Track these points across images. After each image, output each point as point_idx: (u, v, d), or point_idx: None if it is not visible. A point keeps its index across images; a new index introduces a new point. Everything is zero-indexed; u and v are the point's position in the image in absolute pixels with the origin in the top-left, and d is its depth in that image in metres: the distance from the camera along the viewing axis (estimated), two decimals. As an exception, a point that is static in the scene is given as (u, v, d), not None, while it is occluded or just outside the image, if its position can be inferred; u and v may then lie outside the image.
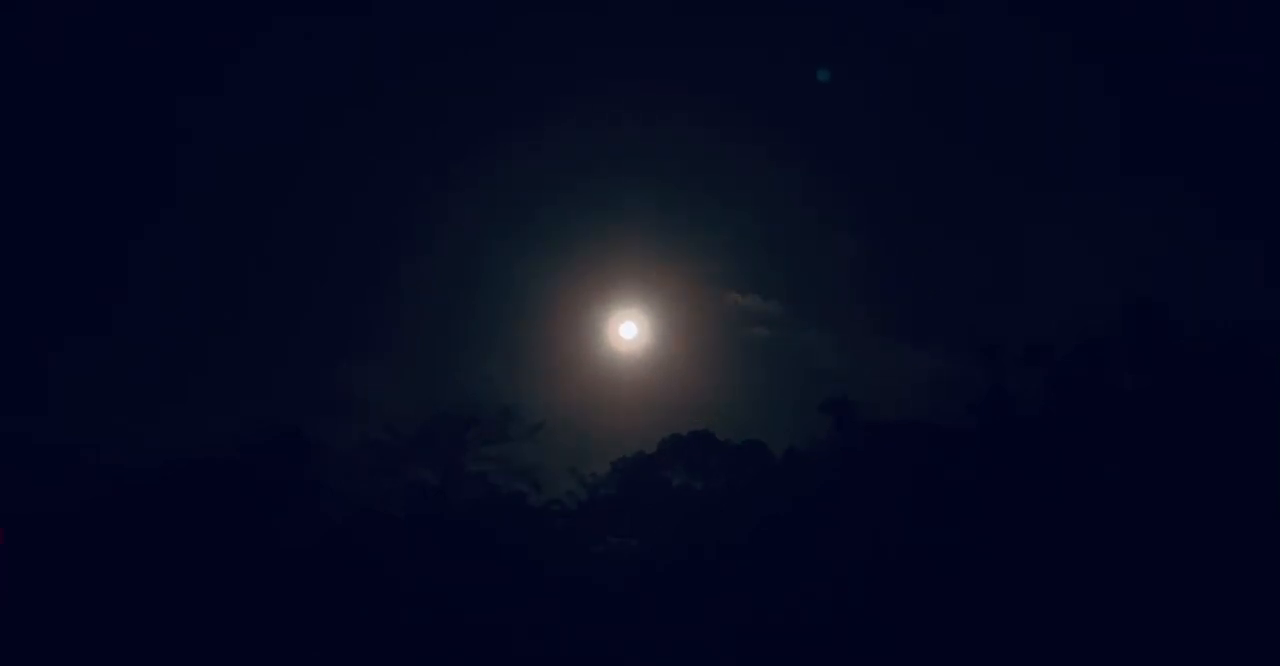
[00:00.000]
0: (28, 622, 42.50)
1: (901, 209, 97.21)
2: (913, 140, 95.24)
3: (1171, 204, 76.30)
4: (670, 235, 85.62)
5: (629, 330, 78.58)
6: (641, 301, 79.15)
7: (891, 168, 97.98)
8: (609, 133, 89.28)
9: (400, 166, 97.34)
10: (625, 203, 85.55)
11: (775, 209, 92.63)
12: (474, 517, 52.56)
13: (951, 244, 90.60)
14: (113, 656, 42.22)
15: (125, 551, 45.63)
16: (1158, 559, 40.00)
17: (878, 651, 41.54)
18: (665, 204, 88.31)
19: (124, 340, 74.38)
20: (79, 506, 48.40)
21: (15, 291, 71.59)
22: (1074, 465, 46.10)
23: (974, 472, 48.00)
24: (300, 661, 43.61)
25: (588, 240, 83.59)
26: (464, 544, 49.64)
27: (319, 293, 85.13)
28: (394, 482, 56.29)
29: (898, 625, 42.11)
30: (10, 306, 70.01)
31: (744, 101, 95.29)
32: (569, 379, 70.94)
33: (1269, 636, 36.34)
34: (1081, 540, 41.87)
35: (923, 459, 49.07)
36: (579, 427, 62.41)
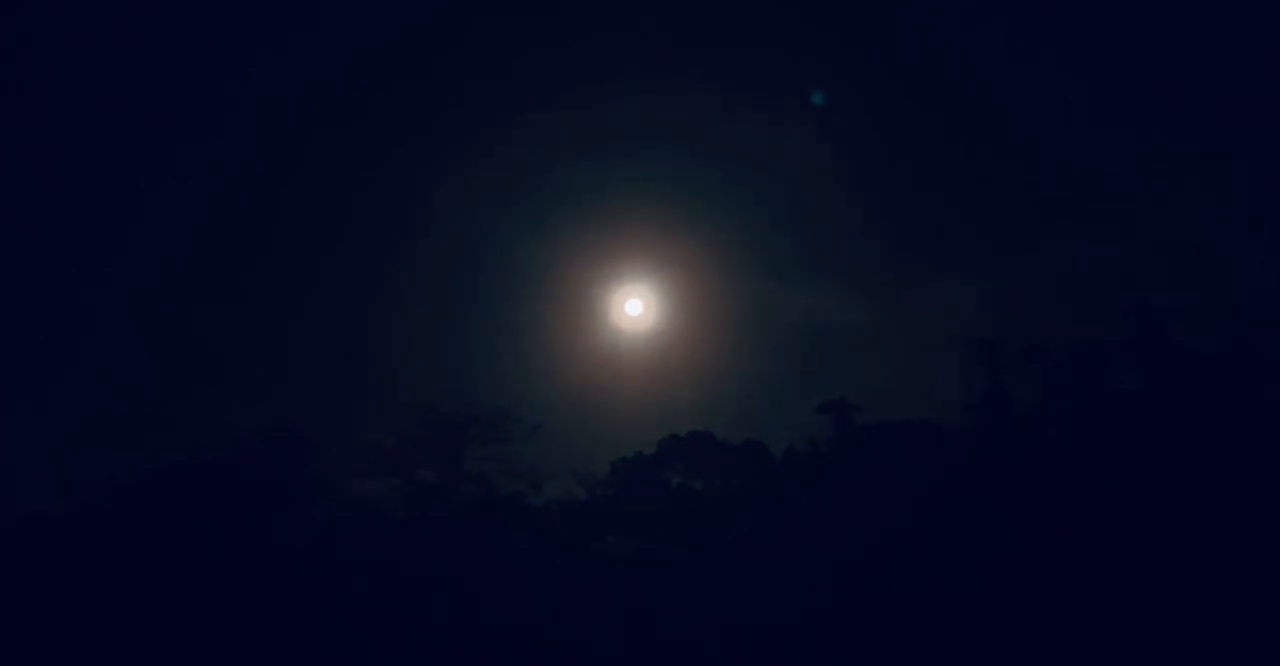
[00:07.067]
0: (27, 624, 42.51)
1: (900, 191, 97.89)
2: (912, 128, 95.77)
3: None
4: (674, 212, 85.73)
5: (635, 307, 79.10)
6: (647, 277, 79.49)
7: (892, 150, 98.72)
8: (606, 120, 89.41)
9: (398, 162, 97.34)
10: (623, 185, 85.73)
11: (777, 185, 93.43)
12: (474, 517, 52.51)
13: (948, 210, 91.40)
14: (114, 658, 42.22)
15: (125, 553, 45.63)
16: (1155, 557, 40.03)
17: (878, 650, 41.55)
18: (665, 183, 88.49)
19: (124, 341, 74.43)
20: (80, 508, 48.42)
21: (9, 293, 71.61)
22: (1071, 464, 46.13)
23: (972, 472, 48.01)
24: (299, 661, 43.57)
25: (589, 222, 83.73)
26: (463, 544, 49.61)
27: (316, 292, 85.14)
28: (394, 482, 56.33)
29: (898, 624, 42.12)
30: (3, 309, 70.06)
31: (745, 83, 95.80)
32: (575, 359, 71.19)
33: (1267, 635, 36.37)
34: (1079, 539, 41.90)
35: (922, 459, 49.09)
36: (579, 427, 62.49)
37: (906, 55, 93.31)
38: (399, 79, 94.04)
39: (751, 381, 74.75)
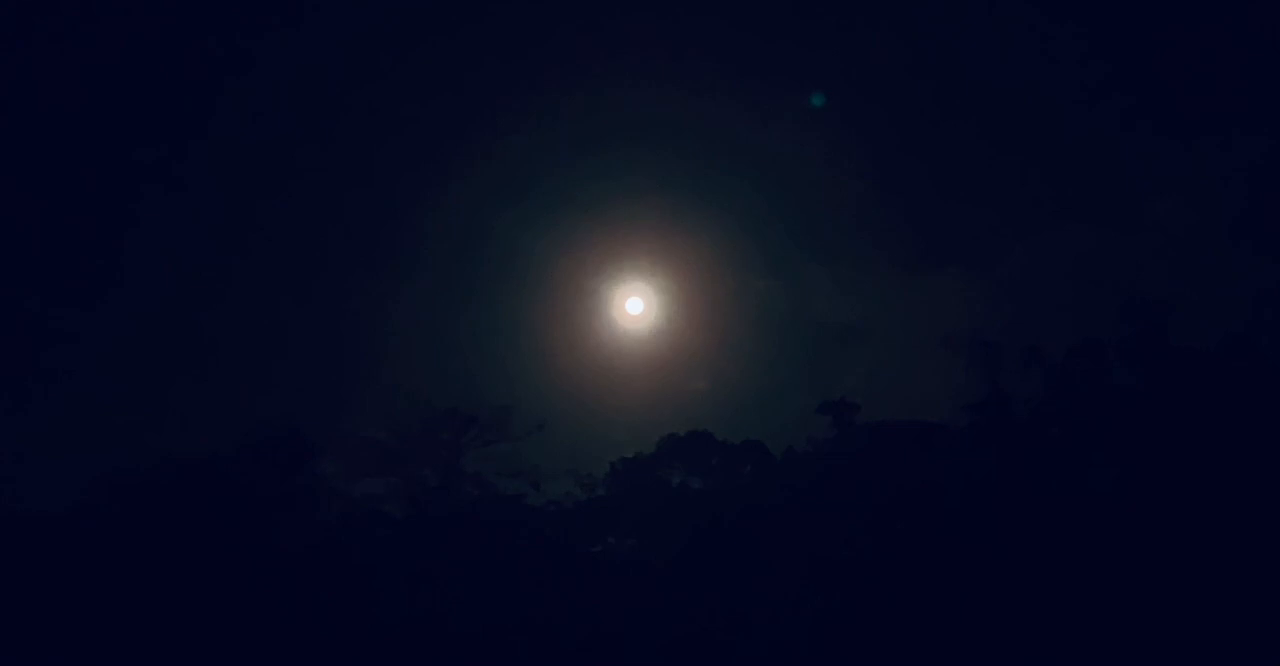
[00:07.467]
0: (28, 624, 42.57)
1: (901, 190, 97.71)
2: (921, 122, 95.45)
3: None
4: (675, 211, 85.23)
5: (635, 305, 78.94)
6: (647, 277, 79.20)
7: (892, 150, 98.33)
8: (606, 119, 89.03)
9: (397, 161, 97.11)
10: (624, 185, 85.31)
11: (777, 184, 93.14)
12: (473, 518, 52.53)
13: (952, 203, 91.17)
14: (115, 658, 42.27)
15: (123, 553, 45.65)
16: (1156, 557, 40.09)
17: (878, 650, 41.60)
18: (665, 182, 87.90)
19: (119, 338, 74.27)
20: (77, 507, 48.42)
21: (7, 287, 71.49)
22: (1072, 464, 46.17)
23: (972, 472, 48.06)
24: (299, 660, 43.63)
25: (589, 221, 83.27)
26: (463, 544, 49.64)
27: (316, 291, 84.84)
28: (394, 482, 56.35)
29: (897, 624, 42.17)
30: (2, 303, 69.94)
31: (745, 82, 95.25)
32: (575, 358, 71.14)
33: (1266, 635, 36.42)
34: (1079, 539, 41.96)
35: (922, 459, 49.13)
36: (578, 427, 62.43)
37: (907, 52, 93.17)
38: (398, 76, 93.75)
39: (751, 381, 74.60)
